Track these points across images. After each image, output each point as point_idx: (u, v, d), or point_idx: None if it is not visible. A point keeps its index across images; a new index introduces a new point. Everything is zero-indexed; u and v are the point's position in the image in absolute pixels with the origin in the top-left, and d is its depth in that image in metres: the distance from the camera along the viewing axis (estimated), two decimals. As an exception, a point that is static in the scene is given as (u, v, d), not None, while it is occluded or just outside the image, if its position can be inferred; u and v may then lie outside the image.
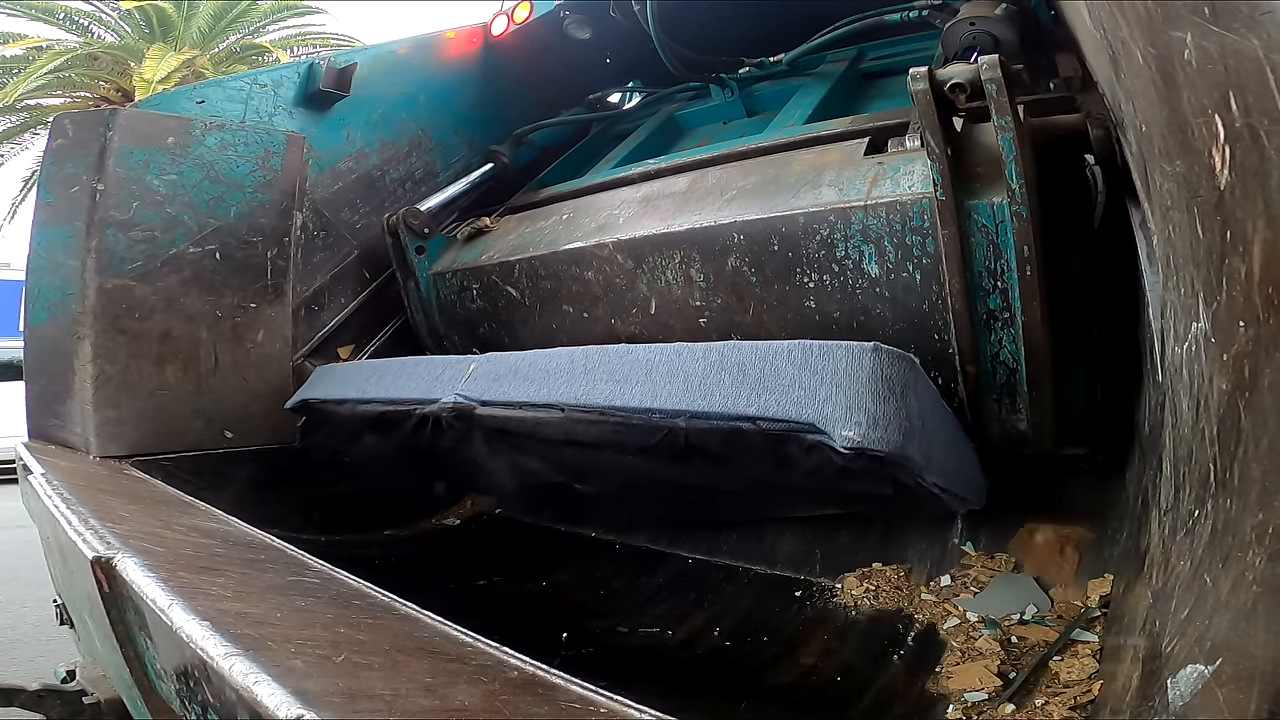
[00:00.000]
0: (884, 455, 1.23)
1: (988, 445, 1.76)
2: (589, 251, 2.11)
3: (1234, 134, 0.59)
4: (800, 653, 1.71)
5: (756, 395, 1.32)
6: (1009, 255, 1.48)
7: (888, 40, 2.75)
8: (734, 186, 1.98)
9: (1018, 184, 1.40)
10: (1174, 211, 0.85)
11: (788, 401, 1.28)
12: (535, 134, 3.15)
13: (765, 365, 1.35)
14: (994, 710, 1.36)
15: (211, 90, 2.42)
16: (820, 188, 1.78)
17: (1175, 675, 0.69)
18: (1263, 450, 0.60)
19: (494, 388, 1.78)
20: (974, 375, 1.64)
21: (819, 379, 1.28)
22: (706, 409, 1.37)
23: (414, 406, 1.94)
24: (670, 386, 1.44)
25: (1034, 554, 1.80)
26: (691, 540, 2.35)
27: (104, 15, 13.34)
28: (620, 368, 1.56)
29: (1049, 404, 1.63)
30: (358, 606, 0.96)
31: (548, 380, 1.67)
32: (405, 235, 2.54)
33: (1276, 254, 0.56)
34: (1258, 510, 0.60)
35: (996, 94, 1.35)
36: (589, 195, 2.42)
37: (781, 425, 1.29)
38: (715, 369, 1.40)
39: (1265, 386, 0.59)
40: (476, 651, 0.79)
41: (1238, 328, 0.64)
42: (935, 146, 1.44)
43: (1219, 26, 0.58)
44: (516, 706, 0.65)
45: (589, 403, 1.54)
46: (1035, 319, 1.51)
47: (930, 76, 1.39)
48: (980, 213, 1.48)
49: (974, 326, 1.58)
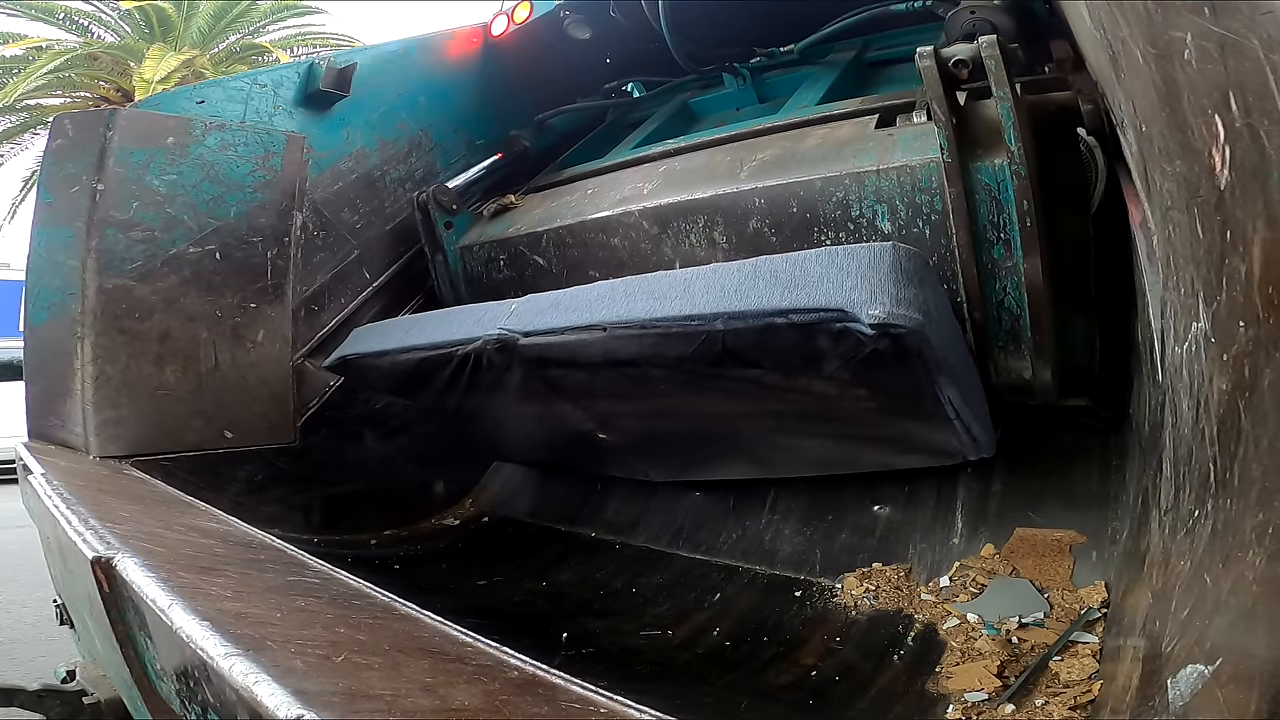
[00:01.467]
0: (905, 331, 1.33)
1: (996, 398, 1.85)
2: (615, 219, 2.22)
3: (1234, 134, 0.59)
4: (800, 653, 1.71)
5: (788, 293, 1.42)
6: (1010, 210, 1.62)
7: (893, 32, 2.84)
8: (753, 159, 2.09)
9: (1016, 146, 1.54)
10: (1174, 211, 0.85)
11: (817, 294, 1.38)
12: (555, 119, 3.21)
13: (795, 269, 1.46)
14: (994, 710, 1.36)
15: (211, 90, 2.42)
16: (835, 157, 1.91)
17: (1175, 675, 0.69)
18: (1263, 450, 0.60)
19: (537, 320, 1.84)
20: (981, 322, 1.76)
21: (844, 273, 1.39)
22: (742, 309, 1.46)
23: (456, 348, 2.00)
24: (708, 296, 1.52)
25: (1030, 556, 1.80)
26: (692, 540, 2.35)
27: (104, 15, 13.34)
28: (659, 288, 1.64)
29: (1051, 351, 1.74)
30: (358, 606, 0.95)
31: (590, 308, 1.75)
32: (435, 211, 2.67)
33: (1276, 254, 0.56)
34: (1258, 510, 0.60)
35: (995, 68, 1.51)
36: (612, 173, 2.52)
37: (812, 315, 1.38)
38: (749, 277, 1.50)
39: (1265, 386, 0.59)
40: (476, 651, 0.79)
41: (1238, 328, 0.64)
42: (941, 114, 1.59)
43: (1219, 26, 0.58)
44: (516, 706, 0.64)
45: (630, 318, 1.63)
46: (1036, 268, 1.63)
47: (936, 54, 1.55)
48: (983, 173, 1.62)
49: (980, 275, 1.70)
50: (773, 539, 2.21)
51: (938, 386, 1.50)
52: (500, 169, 2.94)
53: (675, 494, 2.55)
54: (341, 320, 2.72)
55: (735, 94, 2.98)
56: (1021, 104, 1.55)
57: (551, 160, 3.04)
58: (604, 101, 3.37)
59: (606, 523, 2.60)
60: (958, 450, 1.76)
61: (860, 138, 1.96)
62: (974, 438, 1.70)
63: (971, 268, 1.70)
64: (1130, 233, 1.49)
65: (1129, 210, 1.48)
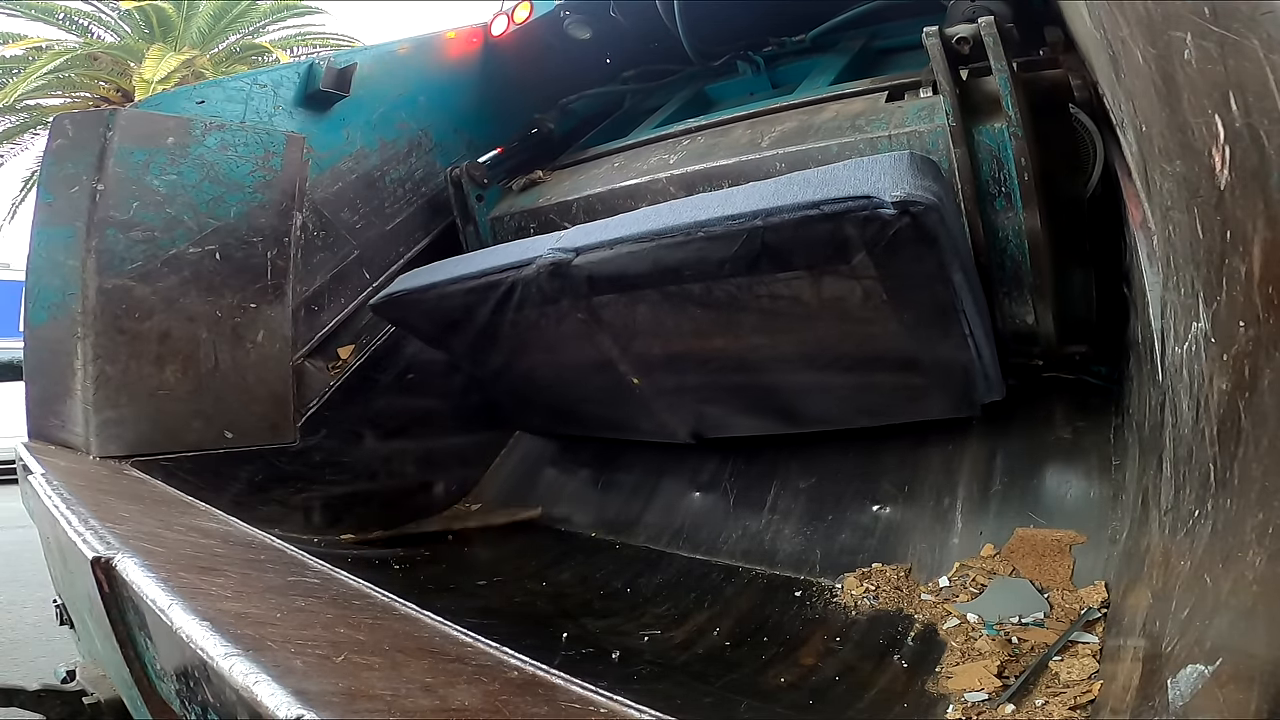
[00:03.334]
0: (923, 208, 1.49)
1: (1003, 348, 1.99)
2: (644, 186, 2.37)
3: (1234, 134, 0.59)
4: (800, 653, 1.71)
5: (820, 190, 1.59)
6: (1010, 167, 1.82)
7: (899, 22, 2.97)
8: (773, 131, 2.28)
9: (1013, 112, 1.75)
10: (1174, 211, 0.85)
11: (846, 187, 1.56)
12: (576, 104, 3.32)
13: (825, 175, 1.65)
14: (994, 710, 1.35)
15: (211, 90, 2.41)
16: (850, 127, 2.10)
17: (1175, 675, 0.69)
18: (1263, 450, 0.60)
19: (588, 237, 1.97)
20: (987, 267, 1.94)
21: (869, 172, 1.59)
22: (779, 204, 1.62)
23: (509, 272, 2.10)
24: (748, 202, 1.69)
25: (1030, 556, 1.80)
26: (692, 540, 2.35)
27: (104, 15, 13.33)
28: (702, 203, 1.82)
29: (1050, 295, 1.92)
30: (358, 606, 0.95)
31: (637, 223, 1.89)
32: (467, 184, 2.86)
33: (1276, 254, 0.56)
34: (1258, 510, 0.59)
35: (993, 45, 1.72)
36: (636, 149, 2.68)
37: (842, 205, 1.55)
38: (784, 185, 1.69)
39: (1265, 386, 0.59)
40: (476, 651, 0.79)
41: (1238, 328, 0.64)
42: (946, 84, 1.81)
43: (1219, 26, 0.58)
44: (516, 706, 0.64)
45: (677, 224, 1.77)
46: (1034, 218, 1.83)
47: (941, 32, 1.78)
48: (984, 135, 1.83)
49: (985, 226, 1.90)
50: (773, 539, 2.21)
51: (953, 288, 1.67)
52: (525, 150, 3.09)
53: (675, 494, 2.55)
54: (341, 320, 2.72)
55: (749, 81, 3.14)
56: (1018, 78, 1.75)
57: (572, 144, 3.17)
58: (622, 87, 3.49)
59: (606, 522, 2.60)
60: (973, 382, 1.90)
61: (872, 110, 2.15)
62: (985, 372, 1.87)
63: (977, 219, 1.88)
64: (1119, 195, 1.64)
65: (1129, 210, 1.48)
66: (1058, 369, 2.13)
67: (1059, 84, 1.85)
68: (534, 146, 3.10)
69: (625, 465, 2.78)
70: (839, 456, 2.32)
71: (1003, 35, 1.72)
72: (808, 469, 2.36)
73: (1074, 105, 1.86)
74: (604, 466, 2.84)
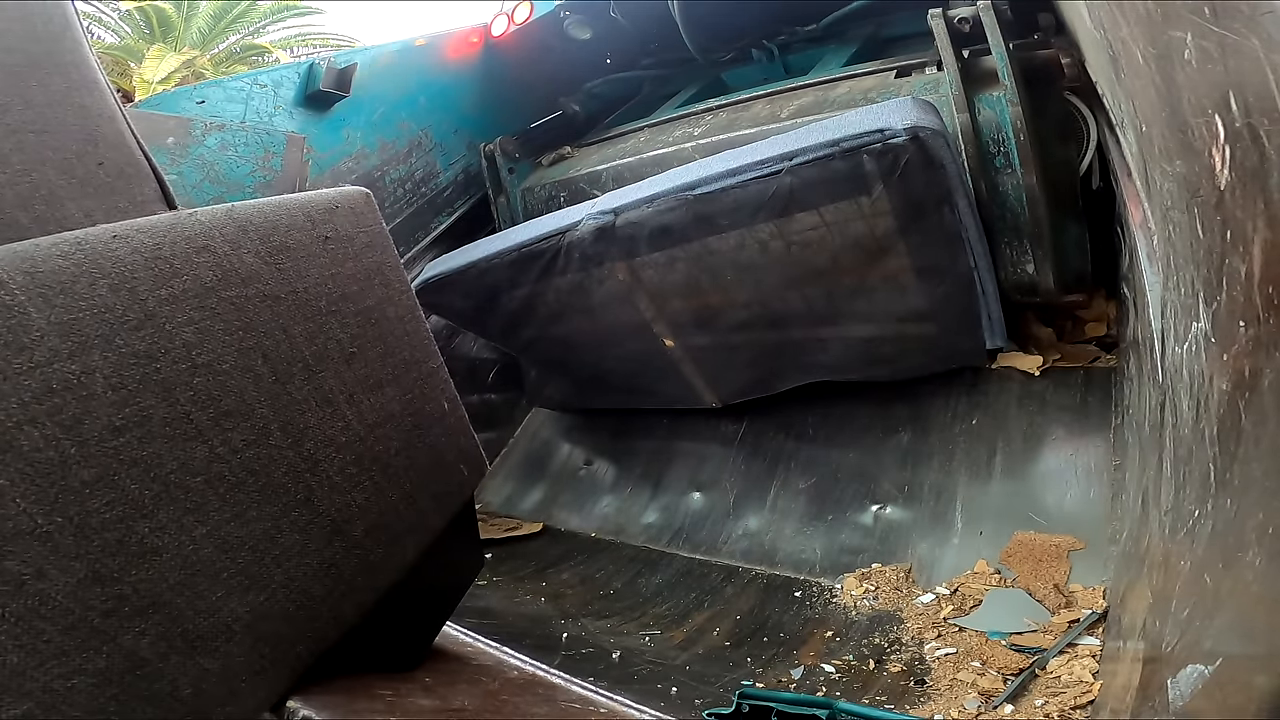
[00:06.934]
0: (931, 133, 1.73)
1: (1007, 303, 2.16)
2: (671, 155, 2.54)
3: (1234, 134, 0.59)
4: (800, 653, 1.71)
5: (838, 131, 1.81)
6: (1007, 129, 2.05)
7: (904, 13, 3.07)
8: (791, 105, 2.50)
9: (1009, 81, 1.99)
10: (1174, 211, 0.85)
11: (860, 127, 1.78)
12: (599, 88, 3.49)
13: (841, 120, 1.88)
14: (994, 710, 1.35)
15: (211, 90, 2.41)
16: (863, 100, 2.30)
17: (1175, 675, 0.69)
18: (1263, 450, 0.60)
19: (627, 198, 2.12)
20: (989, 220, 2.11)
21: (879, 114, 1.81)
22: (802, 146, 1.84)
23: (551, 239, 2.24)
24: (773, 149, 1.90)
25: (1029, 558, 1.80)
26: (692, 540, 2.36)
27: (104, 16, 13.34)
28: (731, 156, 2.00)
29: (1049, 245, 2.12)
30: (358, 606, 0.95)
31: (671, 181, 2.05)
32: (501, 158, 3.06)
33: (1276, 254, 0.56)
34: (1258, 510, 0.59)
35: (990, 24, 1.96)
36: (661, 125, 2.86)
37: (858, 140, 1.77)
38: (805, 133, 1.89)
39: (1265, 386, 0.59)
40: (476, 651, 0.79)
41: (1238, 328, 0.64)
42: (950, 59, 2.07)
43: (1219, 26, 0.58)
44: (516, 706, 0.65)
45: (711, 174, 1.96)
46: (1031, 173, 2.05)
47: (944, 14, 2.06)
48: (985, 102, 2.08)
49: (986, 183, 2.11)
50: (773, 539, 2.21)
51: (958, 213, 1.89)
52: (550, 129, 3.29)
53: (675, 494, 2.55)
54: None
55: (763, 68, 3.31)
56: (1013, 55, 1.99)
57: (591, 126, 3.35)
58: (642, 73, 3.69)
59: (606, 522, 2.60)
60: (978, 321, 2.07)
61: (882, 85, 2.38)
62: (989, 311, 2.06)
63: (979, 174, 2.09)
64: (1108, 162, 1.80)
65: (1129, 210, 1.48)
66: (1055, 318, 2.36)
67: (1050, 61, 2.06)
68: (560, 127, 3.29)
69: (626, 465, 2.78)
70: (839, 456, 2.33)
71: (999, 15, 1.97)
72: (808, 469, 2.36)
73: (1067, 91, 2.06)
74: (604, 466, 2.84)
